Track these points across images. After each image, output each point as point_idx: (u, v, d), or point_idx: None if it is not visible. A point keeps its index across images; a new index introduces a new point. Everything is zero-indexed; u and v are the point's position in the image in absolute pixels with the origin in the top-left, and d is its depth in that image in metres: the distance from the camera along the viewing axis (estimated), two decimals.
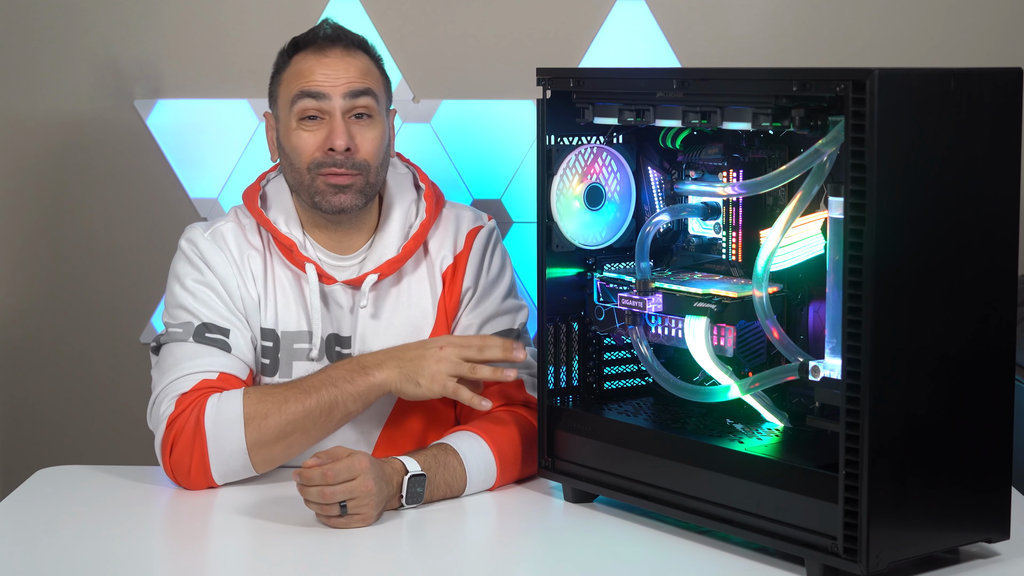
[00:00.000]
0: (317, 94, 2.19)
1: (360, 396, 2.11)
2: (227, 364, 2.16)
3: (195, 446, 2.08)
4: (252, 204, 2.26)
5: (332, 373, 2.12)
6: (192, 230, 2.26)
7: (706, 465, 1.90)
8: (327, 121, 2.20)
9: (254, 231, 2.27)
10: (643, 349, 2.06)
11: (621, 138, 2.15)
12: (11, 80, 2.88)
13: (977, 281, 1.77)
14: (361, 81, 2.21)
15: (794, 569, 1.81)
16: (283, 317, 2.23)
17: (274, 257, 2.26)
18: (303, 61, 2.23)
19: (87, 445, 2.94)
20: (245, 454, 2.09)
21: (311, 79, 2.20)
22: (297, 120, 2.20)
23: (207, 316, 2.19)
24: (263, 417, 2.08)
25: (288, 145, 2.22)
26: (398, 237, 2.27)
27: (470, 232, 2.31)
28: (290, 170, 2.24)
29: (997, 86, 1.77)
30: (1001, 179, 1.78)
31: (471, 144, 2.87)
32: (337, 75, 2.20)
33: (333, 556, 1.89)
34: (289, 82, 2.23)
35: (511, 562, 1.93)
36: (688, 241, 2.12)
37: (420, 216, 2.29)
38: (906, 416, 1.72)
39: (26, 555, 1.91)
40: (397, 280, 2.27)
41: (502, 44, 2.84)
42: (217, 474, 2.10)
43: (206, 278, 2.21)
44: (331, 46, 2.22)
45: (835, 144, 1.77)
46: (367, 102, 2.21)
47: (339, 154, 2.18)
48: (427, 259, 2.29)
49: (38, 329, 2.95)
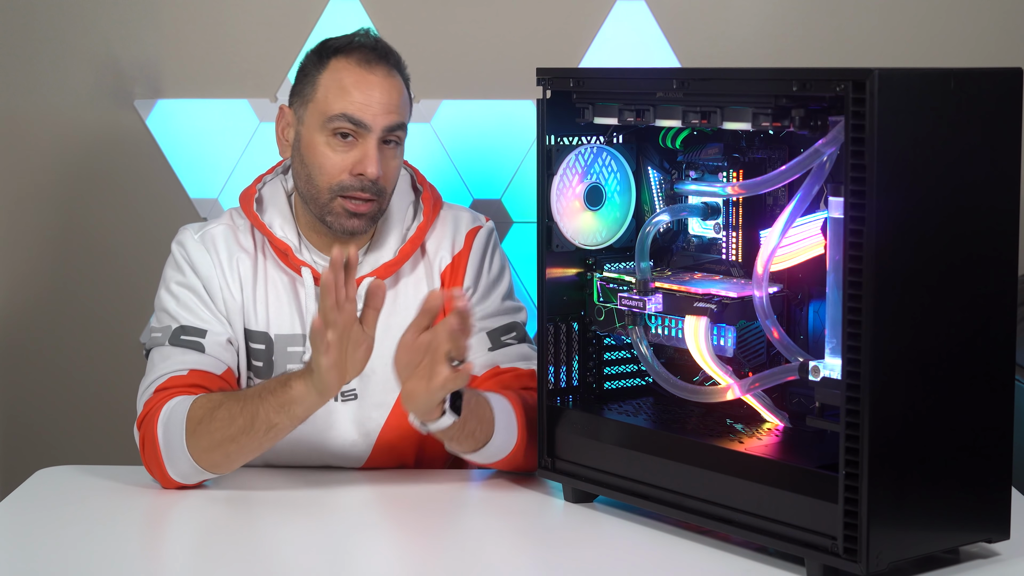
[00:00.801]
0: (359, 122, 2.16)
1: (281, 408, 2.04)
2: (199, 361, 2.17)
3: (155, 447, 2.10)
4: (248, 207, 2.26)
5: (265, 384, 2.08)
6: (183, 232, 2.27)
7: (706, 465, 1.90)
8: (359, 144, 2.18)
9: (247, 233, 2.26)
10: (643, 349, 2.06)
11: (621, 138, 2.15)
12: (11, 80, 2.88)
13: (977, 281, 1.77)
14: (399, 113, 2.20)
15: (794, 569, 1.81)
16: (276, 320, 2.23)
17: (268, 259, 2.25)
18: (345, 71, 2.19)
19: (87, 445, 2.94)
20: (189, 457, 2.09)
21: (353, 99, 2.16)
22: (328, 136, 2.18)
23: (185, 319, 2.20)
24: (198, 422, 2.07)
25: (313, 159, 2.19)
26: (396, 240, 2.27)
27: (469, 232, 2.30)
28: (306, 181, 2.21)
29: (997, 86, 1.77)
30: (1001, 179, 1.78)
31: (471, 144, 2.87)
32: (380, 101, 2.17)
33: (333, 555, 1.89)
34: (328, 91, 2.18)
35: (511, 562, 1.93)
36: (688, 241, 2.12)
37: (418, 219, 2.28)
38: (906, 416, 1.72)
39: (26, 555, 1.91)
40: (394, 283, 2.26)
41: (502, 44, 2.84)
42: (174, 474, 2.11)
43: (188, 280, 2.22)
44: (377, 63, 2.20)
45: (835, 144, 1.77)
46: (398, 134, 2.21)
47: (367, 180, 2.17)
48: (424, 260, 2.29)
49: (38, 329, 2.95)
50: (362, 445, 2.24)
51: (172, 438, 2.08)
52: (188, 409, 2.08)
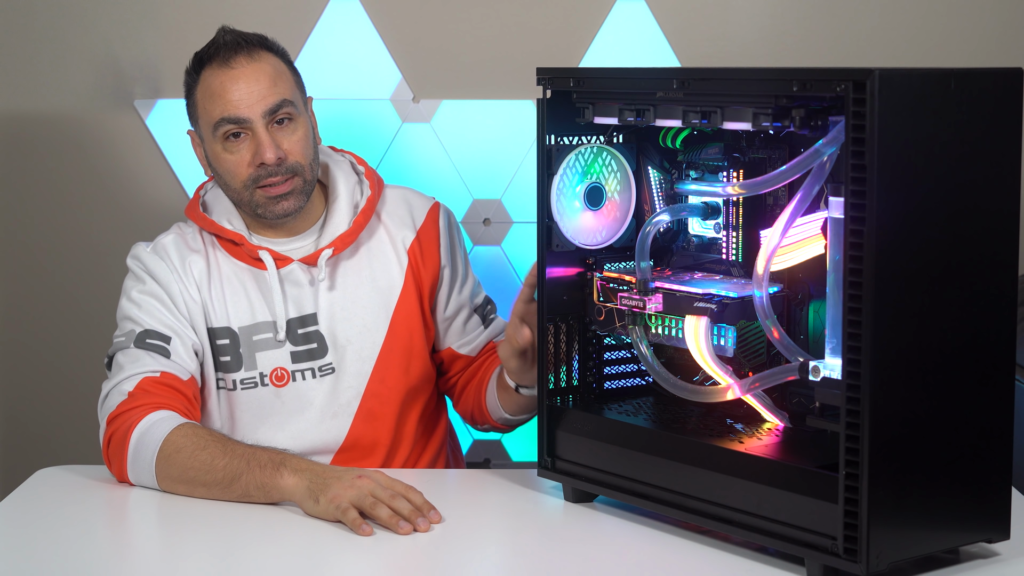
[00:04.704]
0: (237, 119, 2.22)
1: (262, 488, 2.04)
2: (168, 365, 2.20)
3: (122, 450, 2.12)
4: (194, 212, 2.32)
5: (258, 453, 2.06)
6: (136, 248, 2.33)
7: (706, 465, 1.90)
8: (251, 137, 2.23)
9: (195, 236, 2.32)
10: (643, 349, 2.06)
11: (621, 138, 2.15)
12: (11, 80, 2.88)
13: (977, 281, 1.77)
14: (274, 92, 2.23)
15: (794, 569, 1.81)
16: (235, 313, 2.28)
17: (219, 255, 2.30)
18: (211, 78, 2.24)
19: (87, 445, 2.93)
20: (154, 476, 2.11)
21: (226, 100, 2.22)
22: (222, 142, 2.24)
23: (148, 323, 2.24)
24: (176, 451, 2.09)
25: (219, 167, 2.26)
26: (347, 213, 2.32)
27: (430, 209, 2.38)
28: (226, 188, 2.29)
29: (997, 86, 1.77)
30: (1001, 179, 1.78)
31: (471, 144, 2.87)
32: (251, 89, 2.22)
33: (333, 555, 1.89)
34: (204, 103, 2.25)
35: (511, 562, 1.93)
36: (688, 241, 2.12)
37: (366, 193, 2.35)
38: (906, 416, 1.72)
39: (26, 555, 1.91)
40: (355, 255, 2.32)
41: (502, 44, 2.84)
42: (135, 481, 2.14)
43: (149, 287, 2.27)
44: (234, 55, 2.24)
45: (835, 144, 1.77)
46: (287, 111, 2.24)
47: (271, 165, 2.21)
48: (387, 234, 2.35)
49: (38, 329, 2.95)
50: (342, 417, 2.29)
51: (142, 451, 2.11)
52: (169, 432, 2.10)
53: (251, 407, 2.28)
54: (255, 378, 2.28)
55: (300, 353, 2.28)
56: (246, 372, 2.27)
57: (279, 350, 2.27)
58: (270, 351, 2.27)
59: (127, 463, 2.12)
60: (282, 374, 2.28)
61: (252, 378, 2.28)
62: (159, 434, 2.10)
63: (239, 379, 2.27)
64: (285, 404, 2.28)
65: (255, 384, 2.28)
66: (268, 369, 2.28)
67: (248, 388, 2.28)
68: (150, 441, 2.10)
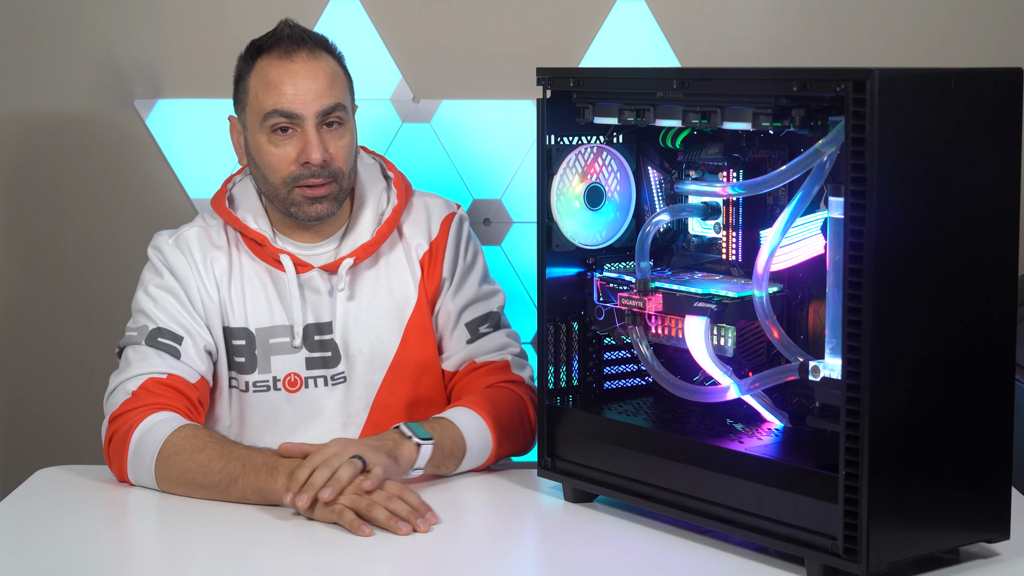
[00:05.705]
0: (289, 114, 2.19)
1: (258, 491, 2.04)
2: (176, 367, 2.19)
3: (123, 450, 2.12)
4: (220, 206, 2.29)
5: (254, 457, 2.06)
6: (158, 237, 2.30)
7: (706, 465, 1.90)
8: (299, 134, 2.21)
9: (220, 231, 2.30)
10: (643, 349, 2.06)
11: (621, 138, 2.15)
12: (11, 80, 2.88)
13: (977, 281, 1.77)
14: (330, 95, 2.21)
15: (794, 569, 1.81)
16: (254, 314, 2.26)
17: (242, 254, 2.28)
18: (269, 67, 2.22)
19: (87, 445, 2.93)
20: (153, 477, 2.11)
21: (281, 92, 2.19)
22: (268, 134, 2.21)
23: (162, 321, 2.22)
24: (175, 453, 2.09)
25: (261, 159, 2.23)
26: (372, 222, 2.30)
27: (444, 219, 2.34)
28: (263, 181, 2.25)
29: (997, 86, 1.77)
30: (1001, 179, 1.78)
31: (471, 144, 2.87)
32: (307, 87, 2.20)
33: (333, 555, 1.89)
34: (257, 91, 2.22)
35: (511, 562, 1.93)
36: (688, 241, 2.12)
37: (392, 202, 2.32)
38: (906, 416, 1.72)
39: (26, 555, 1.91)
40: (375, 265, 2.29)
41: (502, 44, 2.84)
42: (134, 481, 2.14)
43: (167, 282, 2.25)
44: (296, 49, 2.22)
45: (835, 144, 1.77)
46: (338, 115, 2.22)
47: (315, 166, 2.20)
48: (403, 243, 2.32)
49: (38, 329, 2.95)
50: (352, 428, 2.27)
51: (143, 452, 2.11)
52: (169, 434, 2.10)
53: (262, 410, 2.27)
54: (268, 381, 2.26)
55: (315, 360, 2.27)
56: (260, 375, 2.25)
57: (294, 355, 2.26)
58: (285, 356, 2.25)
59: (127, 463, 2.12)
60: (295, 380, 2.27)
61: (265, 381, 2.26)
62: (160, 435, 2.10)
63: (252, 381, 2.26)
64: (296, 410, 2.26)
65: (268, 388, 2.26)
66: (282, 374, 2.26)
67: (260, 391, 2.26)
68: (150, 442, 2.10)
